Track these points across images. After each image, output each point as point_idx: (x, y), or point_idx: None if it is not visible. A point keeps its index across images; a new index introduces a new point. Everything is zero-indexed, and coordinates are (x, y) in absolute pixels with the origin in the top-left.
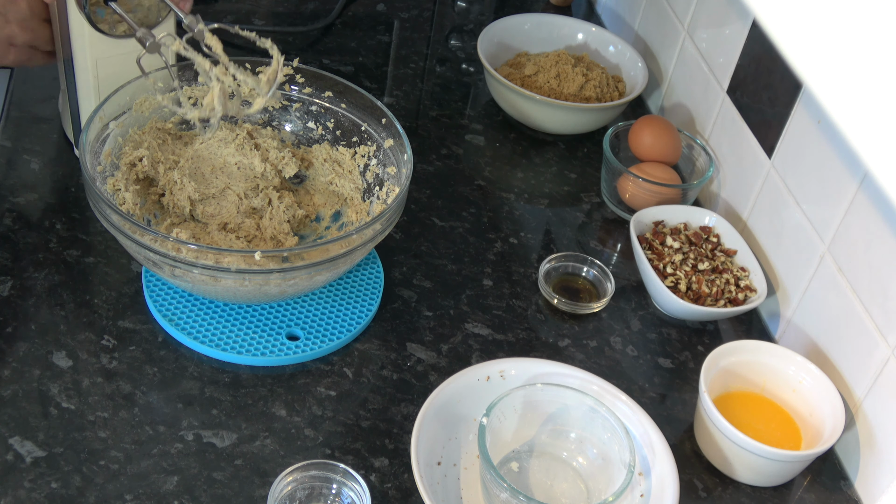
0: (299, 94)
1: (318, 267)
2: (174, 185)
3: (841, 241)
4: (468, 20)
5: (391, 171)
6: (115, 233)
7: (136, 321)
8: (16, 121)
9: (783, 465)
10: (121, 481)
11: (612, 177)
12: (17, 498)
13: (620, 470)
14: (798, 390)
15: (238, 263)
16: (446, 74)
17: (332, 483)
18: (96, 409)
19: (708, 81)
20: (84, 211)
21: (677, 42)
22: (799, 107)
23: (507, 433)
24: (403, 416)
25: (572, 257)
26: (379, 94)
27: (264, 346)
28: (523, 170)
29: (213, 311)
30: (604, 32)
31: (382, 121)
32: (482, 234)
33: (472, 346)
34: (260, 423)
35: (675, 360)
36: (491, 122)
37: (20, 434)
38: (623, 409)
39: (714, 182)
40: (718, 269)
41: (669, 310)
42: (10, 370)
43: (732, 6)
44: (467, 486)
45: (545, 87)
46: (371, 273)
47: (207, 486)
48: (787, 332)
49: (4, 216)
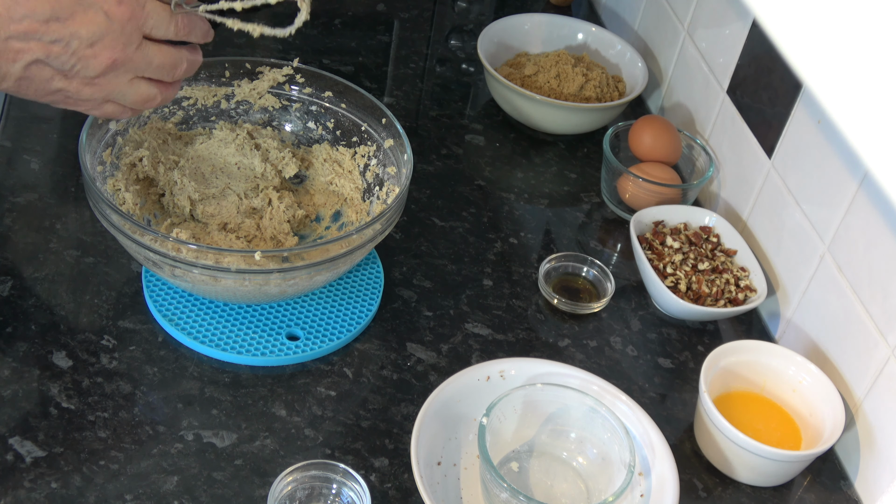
0: (299, 94)
1: (318, 267)
2: (174, 185)
3: (841, 241)
4: (468, 20)
5: (391, 171)
6: (115, 233)
7: (136, 321)
8: (16, 121)
9: (783, 465)
10: (121, 481)
11: (612, 177)
12: (17, 498)
13: (620, 470)
14: (798, 390)
15: (238, 263)
16: (446, 74)
17: (332, 483)
18: (96, 409)
19: (708, 81)
20: (84, 211)
21: (677, 42)
22: (799, 107)
23: (507, 433)
24: (403, 416)
25: (572, 257)
26: (379, 94)
27: (264, 346)
28: (523, 170)
29: (213, 311)
30: (604, 32)
31: (382, 121)
32: (482, 234)
33: (472, 346)
34: (260, 423)
35: (675, 360)
36: (491, 122)
37: (20, 434)
38: (623, 409)
39: (714, 182)
40: (718, 269)
41: (669, 310)
42: (10, 370)
43: (732, 6)
44: (467, 486)
45: (545, 87)
46: (371, 273)
47: (207, 486)
48: (787, 332)
49: (4, 216)
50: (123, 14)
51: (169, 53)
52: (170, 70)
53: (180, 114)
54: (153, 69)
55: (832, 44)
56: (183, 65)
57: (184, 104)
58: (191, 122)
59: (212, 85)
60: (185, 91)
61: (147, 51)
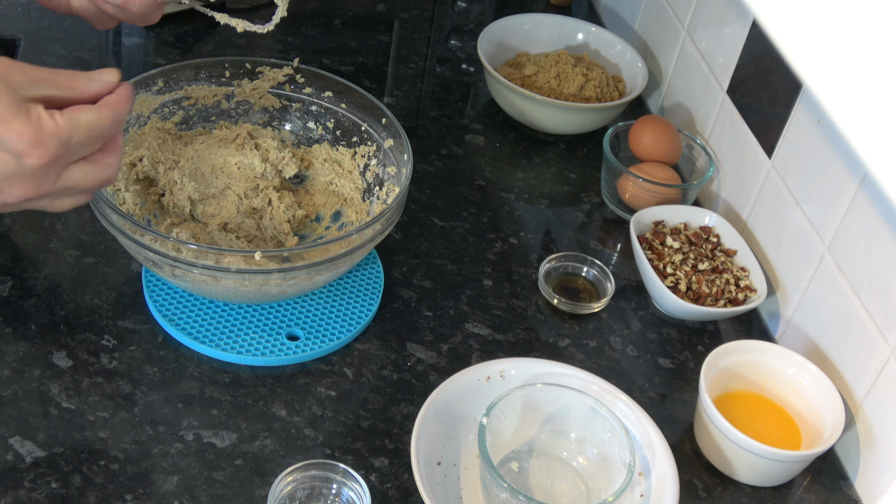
0: (299, 94)
1: (318, 267)
2: (174, 185)
3: (841, 241)
4: (468, 20)
5: (391, 171)
6: (115, 233)
7: (136, 321)
8: None
9: (783, 465)
10: (121, 481)
11: (612, 177)
12: (17, 498)
13: (620, 470)
14: (798, 390)
15: (238, 263)
16: (446, 74)
17: (332, 483)
18: (96, 409)
19: (708, 81)
20: (84, 211)
21: (677, 42)
22: (799, 107)
23: (507, 433)
24: (403, 416)
25: (572, 257)
26: (379, 94)
27: (264, 346)
28: (523, 170)
29: (213, 311)
30: (604, 32)
31: (382, 121)
32: (482, 234)
33: (472, 346)
34: (260, 423)
35: (675, 360)
36: (491, 122)
37: (20, 434)
38: (623, 409)
39: (714, 182)
40: (718, 269)
41: (669, 310)
42: (10, 370)
43: (732, 6)
44: (467, 486)
45: (545, 87)
46: (371, 273)
47: (207, 486)
48: (787, 332)
49: (4, 216)
50: (40, 159)
51: (94, 171)
52: (96, 185)
53: (180, 114)
54: (81, 189)
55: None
56: (115, 157)
57: (184, 104)
58: (191, 122)
59: (212, 85)
60: (186, 91)
61: (71, 176)
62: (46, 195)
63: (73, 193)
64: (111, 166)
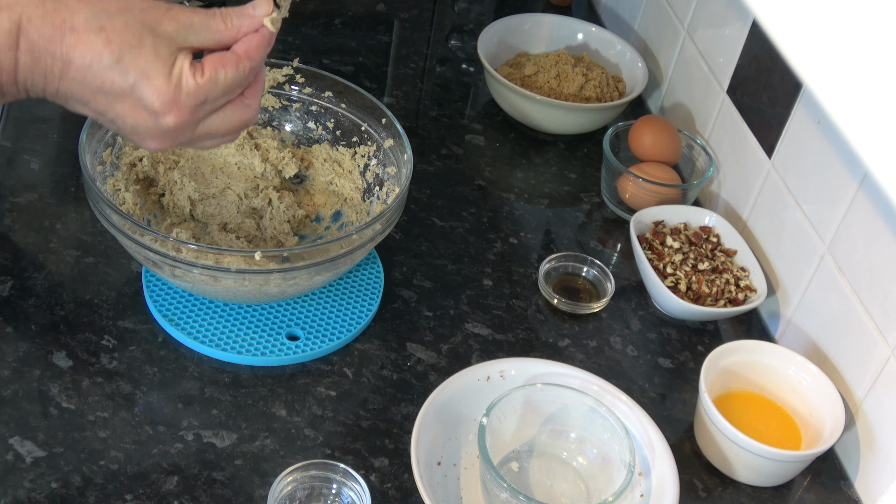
0: (299, 94)
1: (318, 267)
2: (174, 185)
3: (841, 241)
4: (468, 20)
5: (391, 171)
6: (115, 233)
7: (136, 321)
8: (16, 121)
9: (783, 465)
10: (121, 481)
11: (612, 177)
12: (17, 498)
13: (620, 470)
14: (798, 390)
15: (238, 263)
16: (446, 74)
17: (332, 483)
18: (96, 409)
19: (708, 81)
20: (84, 211)
21: (677, 42)
22: (799, 107)
23: (507, 433)
24: (403, 416)
25: (572, 257)
26: (379, 94)
27: (264, 346)
28: (523, 170)
29: (213, 311)
30: (604, 32)
31: (382, 121)
32: (482, 234)
33: (472, 346)
34: (260, 423)
35: (675, 360)
36: (491, 122)
37: (20, 434)
38: (623, 409)
39: (714, 182)
40: (718, 269)
41: (669, 310)
42: (10, 370)
43: (732, 6)
44: (467, 486)
45: (545, 87)
46: (371, 273)
47: (207, 486)
48: (787, 332)
49: (4, 216)
50: (176, 118)
51: (233, 115)
52: (237, 128)
53: None
54: (221, 133)
55: (832, 44)
56: (252, 109)
57: None
58: None
59: None
60: None
61: (209, 124)
62: (186, 143)
63: (214, 137)
64: (251, 108)
